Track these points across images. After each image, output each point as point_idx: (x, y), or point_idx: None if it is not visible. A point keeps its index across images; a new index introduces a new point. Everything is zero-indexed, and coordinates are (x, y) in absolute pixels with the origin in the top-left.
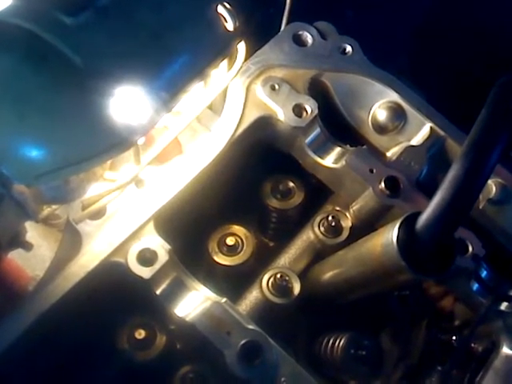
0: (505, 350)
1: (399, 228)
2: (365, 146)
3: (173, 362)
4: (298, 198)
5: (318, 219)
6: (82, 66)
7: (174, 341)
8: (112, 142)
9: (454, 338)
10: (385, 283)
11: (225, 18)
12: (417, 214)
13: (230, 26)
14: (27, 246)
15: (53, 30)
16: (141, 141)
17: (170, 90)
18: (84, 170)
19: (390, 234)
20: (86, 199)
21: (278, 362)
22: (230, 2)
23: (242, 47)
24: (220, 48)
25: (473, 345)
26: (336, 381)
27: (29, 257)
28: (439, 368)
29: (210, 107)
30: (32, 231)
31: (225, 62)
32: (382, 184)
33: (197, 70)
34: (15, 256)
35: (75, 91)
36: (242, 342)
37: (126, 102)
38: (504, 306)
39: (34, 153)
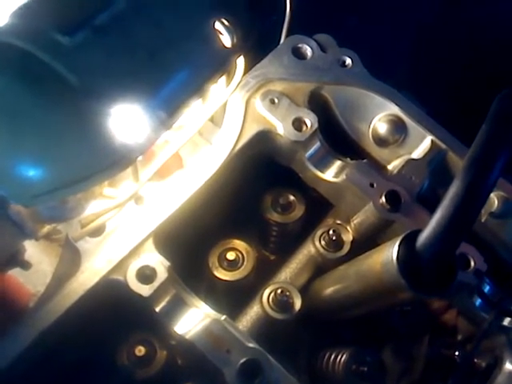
0: (508, 365)
1: (399, 246)
2: (365, 160)
3: (173, 379)
4: (298, 212)
5: (318, 233)
6: (78, 85)
7: (174, 357)
8: (109, 162)
9: (456, 353)
10: (386, 300)
11: (223, 35)
12: (417, 232)
13: (227, 42)
14: (26, 265)
15: (48, 49)
16: (140, 158)
17: (168, 107)
18: (82, 190)
19: (390, 252)
20: (84, 217)
21: (279, 381)
22: (228, 19)
23: (240, 62)
24: (218, 65)
25: (476, 360)
26: None
27: (30, 273)
28: None
29: (212, 120)
30: (33, 247)
31: (224, 76)
32: (383, 198)
33: (195, 87)
34: (16, 272)
35: (71, 111)
36: (242, 360)
37: (123, 120)
38: (507, 321)
39: (30, 173)
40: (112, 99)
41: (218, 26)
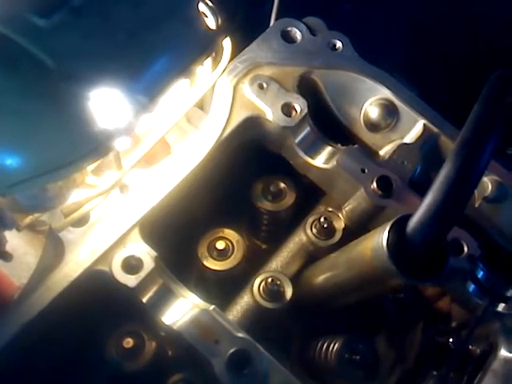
0: (503, 352)
1: (389, 231)
2: (356, 145)
3: (162, 371)
4: (289, 199)
5: (310, 221)
6: (55, 68)
7: (163, 349)
8: (88, 148)
9: (450, 340)
10: (377, 287)
11: (207, 16)
12: (407, 217)
13: (212, 23)
14: (7, 257)
15: (24, 32)
16: (125, 146)
17: (149, 91)
18: (61, 178)
19: (380, 238)
20: (67, 206)
21: (268, 371)
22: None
23: (227, 44)
24: (202, 46)
25: (470, 347)
26: None
27: (15, 265)
28: (435, 372)
29: (201, 106)
30: (18, 238)
31: (210, 60)
32: (374, 184)
33: (177, 70)
34: (0, 265)
35: (49, 95)
36: (231, 350)
37: (103, 105)
38: (501, 307)
39: (5, 161)
40: (91, 83)
41: (201, 7)
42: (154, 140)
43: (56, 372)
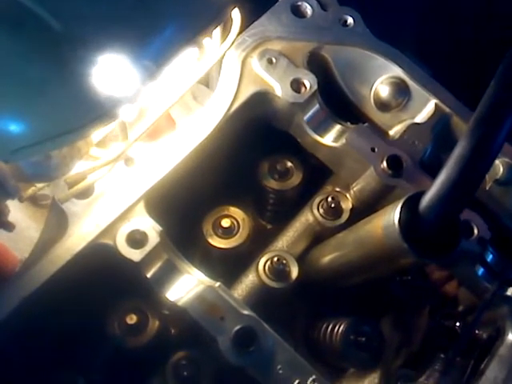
0: (510, 337)
1: (401, 208)
2: (366, 124)
3: (166, 349)
4: (296, 179)
5: (317, 200)
6: (61, 31)
7: (167, 326)
8: (94, 114)
9: (457, 324)
10: (386, 267)
11: None
12: (420, 194)
13: None
14: (9, 227)
15: None
16: (131, 115)
17: (157, 57)
18: (65, 144)
19: (392, 215)
20: (71, 177)
21: (274, 349)
22: None
23: (236, 17)
24: (211, 14)
25: (477, 331)
26: (335, 367)
27: (17, 238)
28: (442, 356)
29: (207, 84)
30: (21, 212)
31: (219, 32)
32: (384, 163)
33: (186, 36)
34: (3, 238)
35: (54, 59)
36: (236, 328)
37: (110, 70)
38: (510, 291)
39: (9, 126)
40: (98, 47)
41: None
42: (159, 113)
43: (58, 347)
